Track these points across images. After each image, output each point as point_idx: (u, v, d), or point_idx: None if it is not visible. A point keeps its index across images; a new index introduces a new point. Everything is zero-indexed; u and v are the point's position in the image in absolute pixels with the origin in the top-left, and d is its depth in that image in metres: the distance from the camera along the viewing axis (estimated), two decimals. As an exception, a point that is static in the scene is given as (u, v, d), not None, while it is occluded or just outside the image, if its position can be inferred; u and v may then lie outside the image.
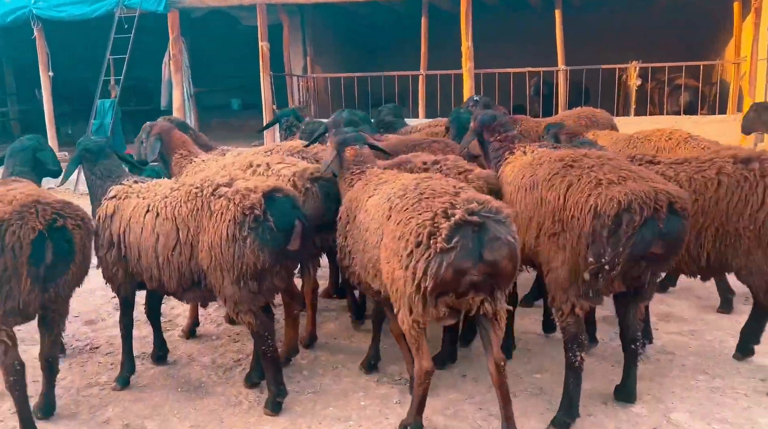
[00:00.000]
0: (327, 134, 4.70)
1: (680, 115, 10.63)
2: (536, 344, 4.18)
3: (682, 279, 4.92)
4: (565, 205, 3.11)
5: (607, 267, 2.98)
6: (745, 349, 3.80)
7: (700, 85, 10.94)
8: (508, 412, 2.96)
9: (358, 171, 3.68)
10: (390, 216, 3.03)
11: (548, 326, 4.30)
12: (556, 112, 10.41)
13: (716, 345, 4.04)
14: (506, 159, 3.84)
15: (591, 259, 3.01)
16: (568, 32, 11.13)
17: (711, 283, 5.13)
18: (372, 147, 3.95)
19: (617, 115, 10.03)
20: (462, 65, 10.93)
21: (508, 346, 3.90)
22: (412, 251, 2.81)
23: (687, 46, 13.65)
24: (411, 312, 2.91)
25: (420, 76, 11.54)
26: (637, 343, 3.30)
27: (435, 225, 2.79)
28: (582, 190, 3.08)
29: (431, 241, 2.77)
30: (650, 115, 11.49)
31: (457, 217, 2.78)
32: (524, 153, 3.79)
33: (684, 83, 11.00)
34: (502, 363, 2.93)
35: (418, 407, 3.14)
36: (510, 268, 2.85)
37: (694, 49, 13.22)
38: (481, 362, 3.76)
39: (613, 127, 6.81)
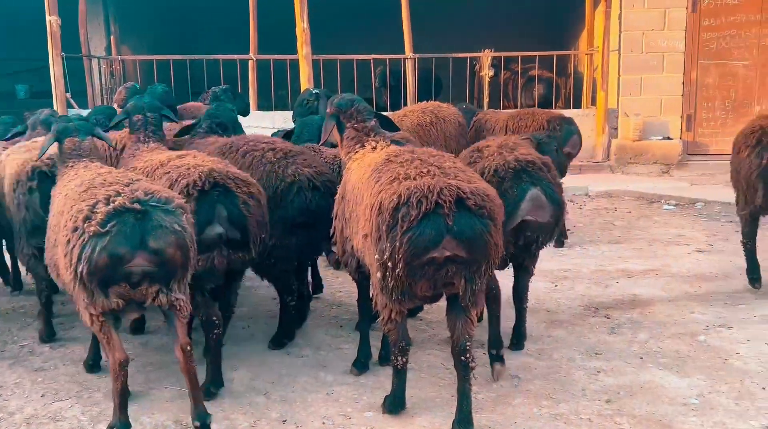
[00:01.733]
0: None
1: (534, 107, 11.25)
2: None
3: (532, 292, 5.12)
4: (370, 203, 3.27)
5: (389, 264, 3.10)
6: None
7: (554, 76, 11.63)
8: (195, 396, 3.34)
9: (71, 164, 3.95)
10: (63, 211, 3.35)
11: None
12: (405, 104, 10.63)
13: (563, 364, 4.18)
14: (356, 152, 3.91)
15: (377, 256, 3.17)
16: (417, 17, 11.40)
17: (561, 295, 5.43)
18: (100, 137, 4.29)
19: (470, 108, 10.41)
20: (297, 50, 10.80)
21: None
22: (69, 238, 3.12)
23: (542, 35, 14.53)
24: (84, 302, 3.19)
25: (250, 61, 11.26)
26: (467, 356, 3.32)
27: (93, 210, 3.11)
28: (381, 186, 3.24)
29: (85, 226, 3.07)
30: (504, 107, 12.05)
31: (116, 203, 3.11)
32: (373, 148, 3.85)
33: (538, 75, 11.65)
34: (188, 348, 3.29)
35: (120, 405, 3.31)
36: (178, 257, 3.18)
37: (550, 39, 14.09)
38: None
39: (461, 124, 6.99)
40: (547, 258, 5.86)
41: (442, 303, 3.53)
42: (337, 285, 5.76)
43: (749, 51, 10.17)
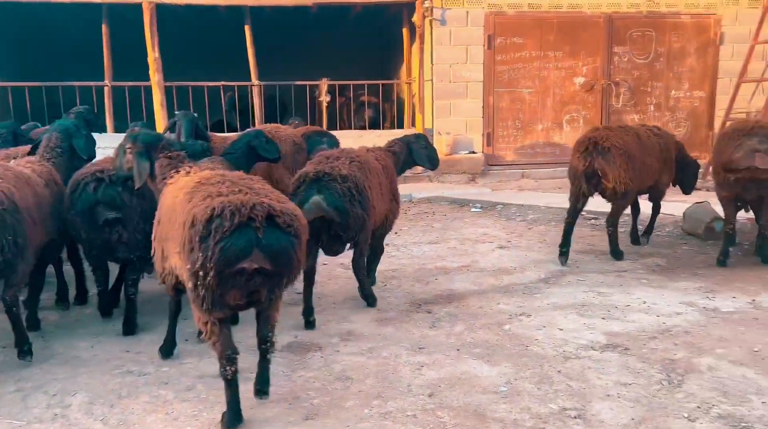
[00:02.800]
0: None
1: (366, 129, 11.05)
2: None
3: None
4: (182, 221, 3.00)
5: (201, 273, 2.86)
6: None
7: (381, 101, 11.49)
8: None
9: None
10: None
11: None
12: (253, 126, 10.02)
13: (391, 361, 3.86)
14: (171, 177, 3.66)
15: (188, 267, 2.90)
16: (264, 47, 10.80)
17: (390, 294, 5.13)
18: None
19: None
20: (150, 77, 9.84)
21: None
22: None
23: (371, 66, 14.38)
24: None
25: (105, 87, 10.12)
26: (267, 344, 3.21)
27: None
28: (194, 204, 2.98)
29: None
30: (340, 129, 11.73)
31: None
32: (187, 173, 3.59)
33: (367, 100, 11.45)
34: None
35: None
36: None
37: (377, 69, 13.96)
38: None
39: (296, 142, 6.56)
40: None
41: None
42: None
43: (532, 81, 10.52)
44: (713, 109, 10.87)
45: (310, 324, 4.38)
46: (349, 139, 10.26)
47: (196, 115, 6.60)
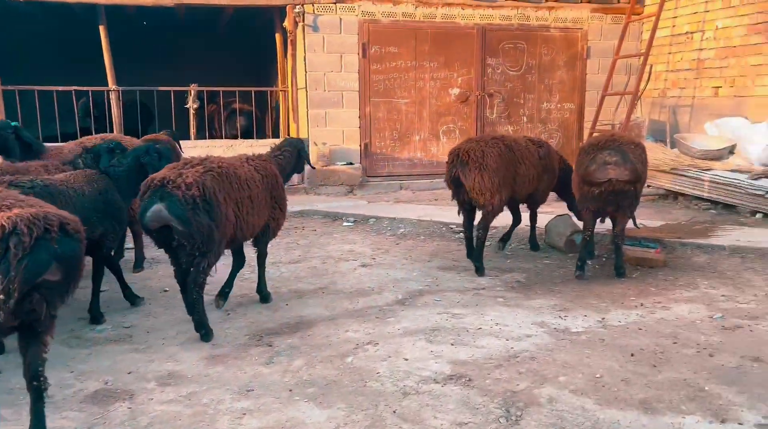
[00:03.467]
0: None
1: (238, 138, 10.45)
2: None
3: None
4: None
5: (2, 296, 2.64)
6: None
7: (254, 109, 10.93)
8: None
9: None
10: None
11: None
12: (111, 132, 9.18)
13: (210, 410, 3.38)
14: None
15: None
16: (124, 50, 9.95)
17: (231, 324, 4.63)
18: None
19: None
20: (-19, 80, 8.74)
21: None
22: None
23: (246, 71, 13.77)
24: None
25: (-68, 90, 8.89)
26: (41, 380, 2.92)
27: None
28: None
29: None
30: (210, 138, 11.08)
31: None
32: None
33: (239, 108, 10.86)
34: None
35: None
36: None
37: (254, 76, 13.37)
38: None
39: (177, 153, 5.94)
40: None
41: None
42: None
43: (408, 91, 10.37)
44: (582, 121, 11.20)
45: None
46: (219, 149, 9.68)
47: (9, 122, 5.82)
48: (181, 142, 7.95)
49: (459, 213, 6.00)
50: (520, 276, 5.77)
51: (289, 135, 10.49)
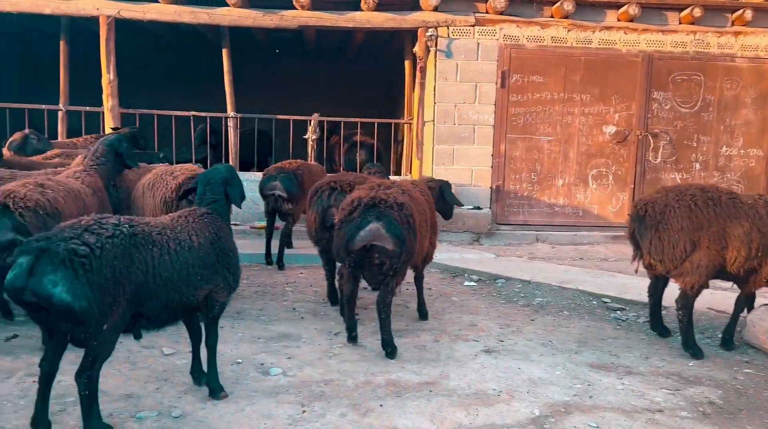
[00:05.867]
0: None
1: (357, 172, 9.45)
2: None
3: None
4: None
5: None
6: None
7: (376, 142, 9.91)
8: None
9: None
10: None
11: None
12: (227, 161, 8.58)
13: None
14: None
15: None
16: (246, 77, 9.41)
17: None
18: None
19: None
20: (103, 102, 8.44)
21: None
22: None
23: (370, 103, 12.93)
24: None
25: (59, 112, 8.77)
26: None
27: None
28: None
29: None
30: (330, 170, 10.18)
31: None
32: None
33: (361, 141, 9.89)
34: None
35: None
36: None
37: (377, 107, 12.48)
38: None
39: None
40: (308, 361, 3.85)
41: None
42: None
43: (553, 127, 8.81)
44: (772, 172, 8.99)
45: (352, 338, 4.60)
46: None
47: None
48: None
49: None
50: (713, 393, 4.01)
51: (410, 173, 9.33)
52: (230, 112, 9.11)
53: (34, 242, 2.95)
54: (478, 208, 8.72)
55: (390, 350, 4.39)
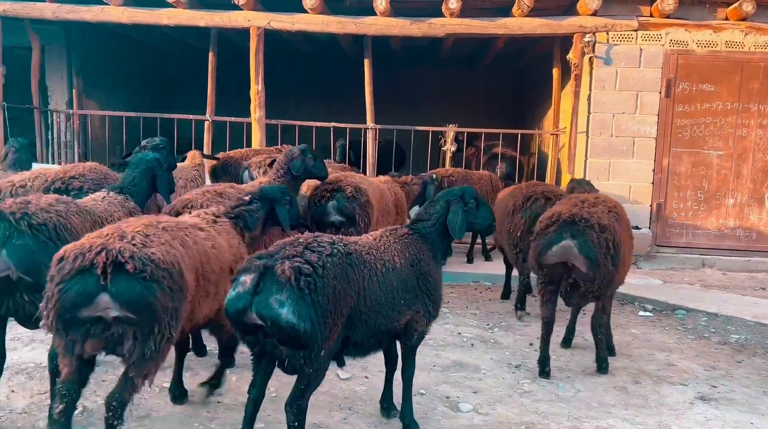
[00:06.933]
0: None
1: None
2: None
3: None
4: None
5: None
6: None
7: (518, 154, 9.39)
8: None
9: None
10: None
11: None
12: (365, 173, 8.41)
13: None
14: None
15: None
16: (384, 89, 9.22)
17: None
18: None
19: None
20: (251, 112, 8.50)
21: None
22: None
23: (508, 111, 12.41)
24: None
25: (206, 122, 8.95)
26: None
27: None
28: None
29: None
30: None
31: None
32: None
33: (501, 152, 9.40)
34: None
35: None
36: None
37: (513, 117, 11.94)
38: None
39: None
40: (497, 397, 3.45)
41: None
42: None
43: (725, 141, 7.93)
44: None
45: (545, 374, 4.20)
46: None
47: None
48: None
49: None
50: None
51: (557, 184, 8.72)
52: (369, 124, 8.91)
53: (256, 260, 2.74)
54: (637, 227, 7.96)
55: (605, 365, 4.38)
